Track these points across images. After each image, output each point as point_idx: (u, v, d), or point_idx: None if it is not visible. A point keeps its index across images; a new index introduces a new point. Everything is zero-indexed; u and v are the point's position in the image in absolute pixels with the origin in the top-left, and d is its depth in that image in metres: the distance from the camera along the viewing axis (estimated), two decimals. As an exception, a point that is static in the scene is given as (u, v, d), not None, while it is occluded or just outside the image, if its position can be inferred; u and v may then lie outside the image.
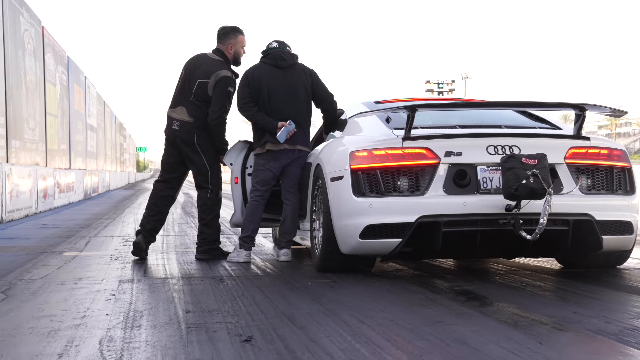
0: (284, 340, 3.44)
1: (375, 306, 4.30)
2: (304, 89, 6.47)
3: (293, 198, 6.48)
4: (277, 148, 6.39)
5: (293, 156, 6.45)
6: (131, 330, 3.69)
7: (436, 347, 3.28)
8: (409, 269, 6.00)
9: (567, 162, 5.32)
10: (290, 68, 6.48)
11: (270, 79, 6.43)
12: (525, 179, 4.87)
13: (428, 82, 66.05)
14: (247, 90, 6.44)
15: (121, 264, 6.43)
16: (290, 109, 6.41)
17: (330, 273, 5.65)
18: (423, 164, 5.21)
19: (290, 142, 6.39)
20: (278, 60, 6.46)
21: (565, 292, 4.81)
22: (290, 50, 6.57)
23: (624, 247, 5.52)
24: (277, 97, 6.41)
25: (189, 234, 9.73)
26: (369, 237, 5.23)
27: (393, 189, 5.22)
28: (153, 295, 4.80)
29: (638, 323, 3.77)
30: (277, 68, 6.46)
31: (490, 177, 5.21)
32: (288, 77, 6.45)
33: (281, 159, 6.44)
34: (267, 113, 6.40)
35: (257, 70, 6.49)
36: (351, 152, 5.35)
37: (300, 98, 6.45)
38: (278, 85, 6.42)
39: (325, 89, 6.60)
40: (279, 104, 6.40)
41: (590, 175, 5.39)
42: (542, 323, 3.78)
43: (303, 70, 6.53)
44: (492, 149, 5.22)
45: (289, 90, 6.43)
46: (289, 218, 6.47)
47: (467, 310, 4.14)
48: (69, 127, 22.52)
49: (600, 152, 5.42)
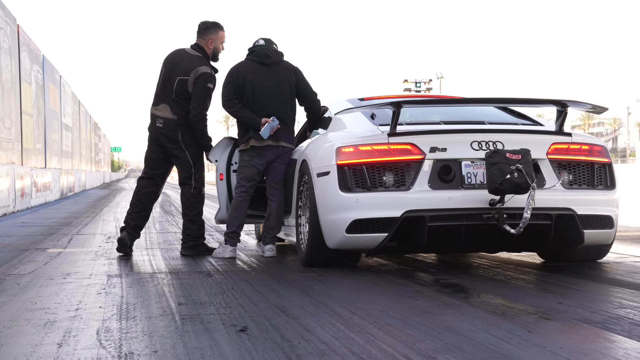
0: (279, 330, 3.50)
1: (365, 298, 4.38)
2: (288, 87, 6.51)
3: (278, 194, 6.53)
4: (261, 144, 6.43)
5: (277, 153, 6.49)
6: (126, 322, 3.74)
7: (428, 335, 3.35)
8: (393, 264, 6.08)
9: (550, 157, 5.42)
10: (275, 65, 6.53)
11: (255, 76, 6.47)
12: (510, 174, 4.96)
13: (406, 81, 66.25)
14: (231, 87, 6.49)
15: (107, 260, 6.46)
16: (274, 106, 6.45)
17: (316, 267, 5.71)
18: (408, 160, 5.29)
19: (274, 139, 6.42)
20: (263, 58, 6.50)
21: (548, 284, 4.91)
22: (276, 48, 6.62)
23: (605, 241, 5.64)
24: (262, 94, 6.46)
25: (170, 231, 9.76)
26: (355, 232, 5.30)
27: (379, 184, 5.30)
28: (143, 289, 4.84)
29: (622, 312, 3.88)
30: (262, 65, 6.51)
31: (474, 173, 5.30)
32: (273, 74, 6.49)
33: (265, 155, 6.48)
34: (252, 110, 6.43)
35: (242, 68, 6.54)
36: (337, 148, 5.42)
37: (284, 95, 6.49)
38: (262, 82, 6.46)
39: (309, 87, 6.64)
40: (263, 100, 6.45)
41: (571, 171, 5.50)
42: (529, 313, 3.87)
43: (288, 68, 6.57)
44: (476, 145, 5.31)
45: (273, 88, 6.47)
46: (274, 214, 6.52)
47: (454, 302, 4.23)
48: (44, 126, 22.39)
49: (581, 147, 5.52)
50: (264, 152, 6.49)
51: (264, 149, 6.47)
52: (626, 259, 6.27)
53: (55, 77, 25.84)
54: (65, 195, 24.63)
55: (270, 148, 6.48)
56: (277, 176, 6.54)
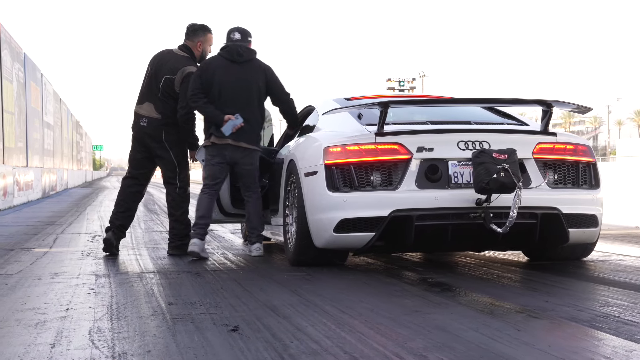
0: (270, 329, 3.52)
1: (354, 297, 4.40)
2: (256, 86, 6.42)
3: (252, 195, 6.50)
4: (221, 142, 6.35)
5: (238, 155, 6.39)
6: (118, 322, 3.75)
7: (418, 334, 3.39)
8: (380, 262, 6.12)
9: (535, 157, 5.47)
10: (246, 64, 6.45)
11: (224, 73, 6.39)
12: (496, 173, 5.01)
13: (389, 80, 66.37)
14: (198, 81, 6.42)
15: (94, 260, 6.46)
16: (240, 105, 6.37)
17: (304, 267, 5.74)
18: (396, 159, 5.32)
19: (235, 138, 6.32)
20: (234, 55, 6.43)
21: (535, 282, 4.96)
22: (250, 42, 6.55)
23: (589, 239, 5.71)
24: (228, 91, 6.37)
25: (156, 230, 9.76)
26: (343, 231, 5.33)
27: (366, 183, 5.33)
28: (132, 288, 4.85)
29: (608, 310, 3.93)
30: (233, 62, 6.43)
31: (461, 172, 5.35)
32: (242, 72, 6.41)
33: (225, 155, 6.39)
34: (217, 107, 6.36)
35: (212, 63, 6.48)
36: (325, 148, 5.44)
37: (251, 94, 6.41)
38: (231, 79, 6.38)
39: (280, 86, 6.55)
40: (229, 98, 6.37)
41: (557, 170, 5.56)
42: (517, 311, 3.92)
43: (259, 67, 6.48)
44: (462, 145, 5.36)
45: (241, 86, 6.39)
46: (252, 214, 6.50)
47: (443, 300, 4.27)
48: (26, 124, 22.27)
49: (566, 147, 5.58)
50: (223, 152, 6.39)
51: (224, 148, 6.38)
52: (610, 257, 6.34)
53: (36, 76, 25.70)
54: (48, 194, 24.51)
55: (229, 148, 6.37)
56: (246, 180, 6.47)
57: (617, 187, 14.50)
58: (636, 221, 10.28)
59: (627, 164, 21.46)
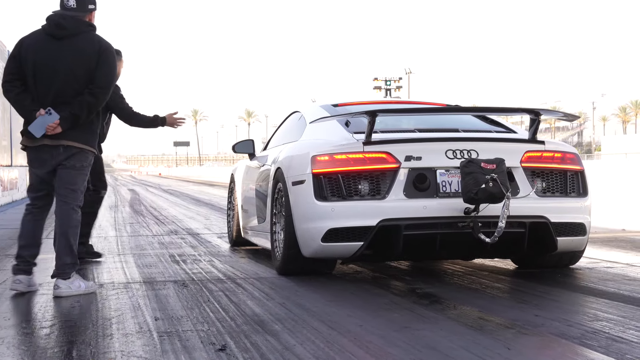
0: (259, 348, 3.48)
1: (342, 311, 4.37)
2: (82, 69, 5.00)
3: (64, 208, 5.05)
4: (33, 144, 5.03)
5: (60, 156, 5.03)
6: (103, 340, 3.70)
7: (408, 354, 3.35)
8: (368, 271, 6.08)
9: (523, 165, 5.47)
10: (72, 39, 5.03)
11: (40, 52, 5.01)
12: (485, 184, 5.00)
13: (376, 79, 66.44)
14: (12, 64, 5.06)
15: (80, 267, 6.37)
16: (61, 94, 5.00)
17: (292, 276, 5.70)
18: (384, 168, 5.30)
19: (53, 137, 4.97)
20: (54, 28, 5.03)
21: (523, 294, 4.94)
22: (91, 13, 5.15)
23: (577, 247, 5.71)
24: (46, 76, 5.00)
25: (142, 234, 9.69)
26: (331, 241, 5.30)
27: (354, 192, 5.31)
28: (118, 301, 4.79)
29: (597, 325, 3.91)
30: (53, 38, 5.04)
31: (449, 181, 5.33)
32: (65, 51, 5.00)
33: (45, 159, 5.04)
34: (34, 96, 5.03)
35: (29, 39, 5.10)
36: (312, 157, 5.41)
37: (76, 80, 5.01)
38: (49, 60, 4.99)
39: (106, 72, 5.04)
40: (47, 85, 5.00)
41: (545, 179, 5.56)
42: (506, 327, 3.89)
43: (91, 45, 5.04)
44: (451, 154, 5.35)
45: (62, 69, 4.99)
46: (59, 234, 5.05)
47: (432, 314, 4.23)
48: (10, 123, 22.09)
49: (554, 155, 5.58)
50: (40, 155, 5.05)
51: (40, 150, 5.04)
52: (598, 264, 6.33)
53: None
54: (32, 193, 24.33)
55: (47, 149, 5.01)
56: (62, 185, 5.07)
57: (602, 187, 14.54)
58: (622, 223, 10.29)
59: (612, 163, 21.55)
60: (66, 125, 4.95)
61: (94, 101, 4.99)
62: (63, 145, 5.00)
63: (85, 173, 5.16)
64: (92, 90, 4.99)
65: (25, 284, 5.09)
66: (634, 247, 7.63)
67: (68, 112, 4.94)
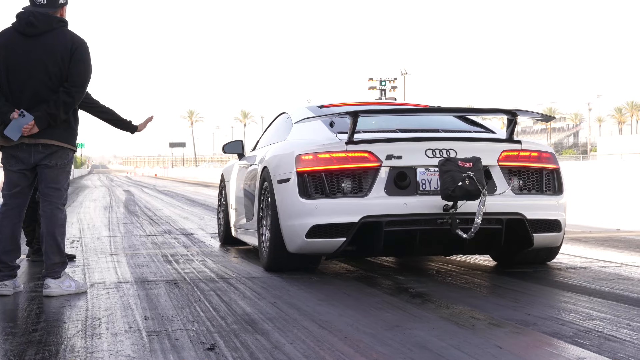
0: (248, 347, 3.45)
1: (334, 310, 4.34)
2: (55, 67, 4.92)
3: (49, 208, 5.00)
4: (9, 144, 4.96)
5: (39, 154, 4.96)
6: (92, 339, 3.66)
7: (399, 353, 3.32)
8: (361, 270, 6.06)
9: (500, 164, 5.60)
10: (44, 37, 4.93)
11: (12, 50, 4.92)
12: (461, 181, 5.13)
13: (371, 80, 66.50)
14: None
15: (71, 268, 6.35)
16: (35, 93, 4.92)
17: (283, 273, 5.71)
18: (365, 167, 5.42)
19: (31, 136, 4.90)
20: (24, 26, 4.93)
21: (516, 293, 4.91)
22: (62, 8, 5.05)
23: (553, 244, 5.85)
24: (19, 75, 4.92)
25: (135, 234, 9.65)
26: (315, 237, 5.42)
27: (337, 190, 5.43)
28: (109, 301, 4.75)
29: (590, 325, 3.88)
30: (25, 37, 4.94)
31: (428, 179, 5.46)
32: (37, 49, 4.91)
33: (22, 157, 4.97)
34: (7, 97, 4.95)
35: (0, 38, 5.00)
36: (297, 156, 5.53)
37: (50, 78, 4.93)
38: (21, 59, 4.91)
39: (80, 70, 4.96)
40: (20, 85, 4.92)
41: (521, 177, 5.69)
42: (498, 326, 3.86)
43: (64, 41, 4.94)
44: (430, 152, 5.47)
45: (35, 67, 4.91)
46: (46, 234, 4.98)
47: (424, 314, 4.21)
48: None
49: (530, 154, 5.71)
50: (17, 154, 4.97)
51: (18, 149, 4.96)
52: (592, 263, 6.32)
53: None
54: (27, 194, 24.27)
55: (25, 148, 4.95)
56: (45, 184, 5.01)
57: (597, 187, 14.53)
58: (617, 223, 10.28)
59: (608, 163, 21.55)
60: (42, 125, 4.89)
61: (70, 100, 4.92)
62: (42, 143, 4.93)
63: (68, 171, 5.10)
64: (68, 89, 4.92)
65: (11, 287, 5.00)
66: (628, 246, 7.61)
67: (43, 111, 4.87)
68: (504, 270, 5.97)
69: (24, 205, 5.12)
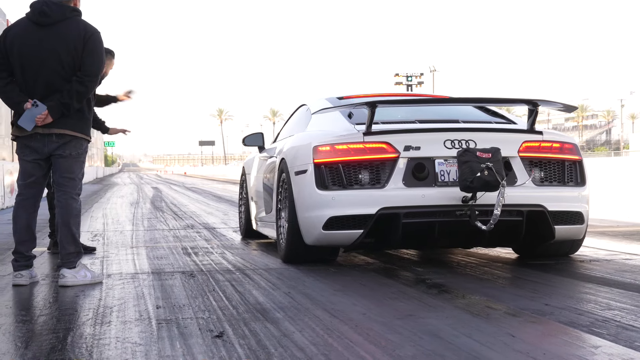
0: (256, 335, 3.41)
1: (348, 300, 4.28)
2: (69, 56, 4.89)
3: (64, 198, 5.00)
4: (23, 134, 4.97)
5: (53, 144, 4.96)
6: (101, 327, 3.64)
7: (408, 341, 3.26)
8: (380, 262, 6.00)
9: (521, 155, 5.50)
10: (57, 27, 4.91)
11: (26, 40, 4.91)
12: (480, 172, 5.05)
13: (397, 75, 66.32)
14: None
15: (90, 260, 6.36)
16: (49, 82, 4.91)
17: (300, 266, 5.66)
18: (383, 158, 5.35)
19: (45, 126, 4.91)
20: (37, 16, 4.92)
21: (536, 284, 4.82)
22: (66, 1, 4.99)
23: (575, 236, 5.73)
24: (32, 65, 4.90)
25: (158, 228, 9.67)
26: (332, 229, 5.36)
27: (355, 182, 5.37)
28: (123, 291, 4.74)
29: (609, 314, 3.79)
30: (38, 26, 4.93)
31: (447, 170, 5.37)
32: (51, 38, 4.89)
33: (37, 147, 4.97)
34: (21, 87, 4.94)
35: (13, 29, 4.98)
36: (314, 147, 5.48)
37: (63, 67, 4.90)
38: (34, 49, 4.89)
39: (94, 59, 4.94)
40: (34, 74, 4.91)
41: (543, 168, 5.58)
42: (513, 315, 3.78)
43: (77, 31, 4.92)
44: (449, 143, 5.38)
45: (49, 57, 4.89)
46: (62, 224, 4.98)
47: (439, 303, 4.14)
48: None
49: (552, 145, 5.60)
50: (31, 143, 4.97)
51: (32, 139, 4.96)
52: (617, 256, 6.20)
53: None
54: (57, 191, 24.46)
55: (39, 138, 4.95)
56: (60, 174, 5.02)
57: (628, 183, 14.33)
58: (646, 218, 10.10)
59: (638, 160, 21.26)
60: (56, 114, 4.88)
61: (84, 89, 4.90)
62: (55, 133, 4.92)
63: (82, 160, 5.09)
64: (81, 78, 4.90)
65: (27, 277, 5.00)
66: (655, 239, 7.45)
67: (56, 101, 4.86)
68: (525, 262, 5.88)
69: (39, 195, 5.11)
